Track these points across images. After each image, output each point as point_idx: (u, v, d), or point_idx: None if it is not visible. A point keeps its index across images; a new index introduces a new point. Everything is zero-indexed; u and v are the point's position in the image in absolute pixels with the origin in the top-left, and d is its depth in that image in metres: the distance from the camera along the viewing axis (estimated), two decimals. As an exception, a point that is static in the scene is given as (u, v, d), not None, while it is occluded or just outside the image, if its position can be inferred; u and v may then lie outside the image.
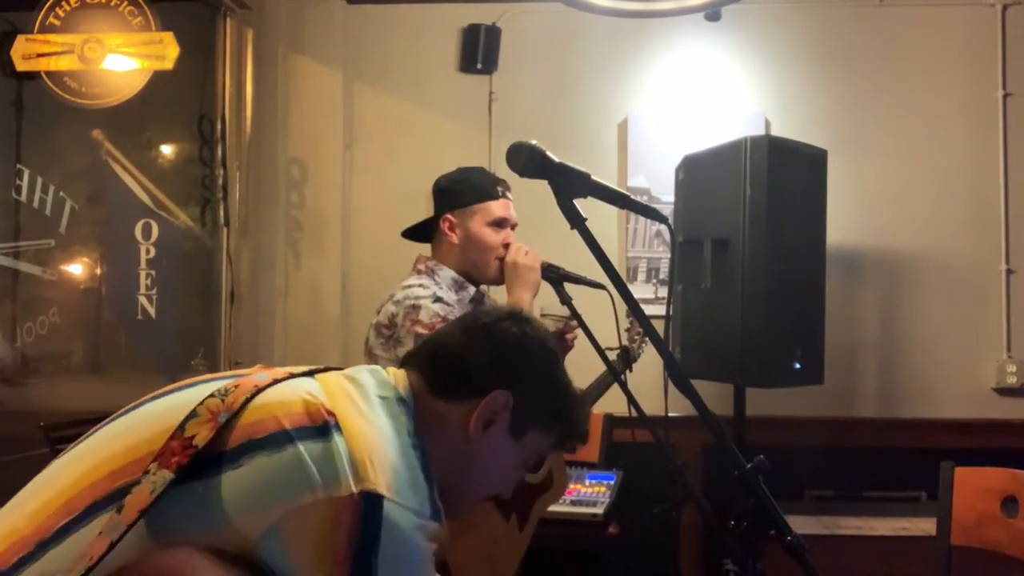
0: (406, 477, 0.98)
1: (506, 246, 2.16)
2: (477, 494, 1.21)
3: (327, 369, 1.14)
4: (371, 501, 0.92)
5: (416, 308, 2.04)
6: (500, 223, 2.17)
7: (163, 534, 0.90)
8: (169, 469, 0.91)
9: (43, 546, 0.90)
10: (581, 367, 2.30)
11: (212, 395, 0.99)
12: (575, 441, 1.26)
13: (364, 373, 1.11)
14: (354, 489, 0.92)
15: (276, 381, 1.04)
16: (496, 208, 2.18)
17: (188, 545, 0.89)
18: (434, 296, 2.07)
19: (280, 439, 0.94)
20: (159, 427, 0.97)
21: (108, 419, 1.07)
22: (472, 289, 2.19)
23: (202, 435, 0.94)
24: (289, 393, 1.01)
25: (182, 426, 0.95)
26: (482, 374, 1.15)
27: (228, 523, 0.91)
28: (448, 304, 2.07)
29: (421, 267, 2.19)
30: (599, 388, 2.42)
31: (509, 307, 1.34)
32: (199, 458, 0.92)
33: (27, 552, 0.90)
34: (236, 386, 1.01)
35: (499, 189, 2.20)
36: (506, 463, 1.19)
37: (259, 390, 1.00)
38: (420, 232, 2.27)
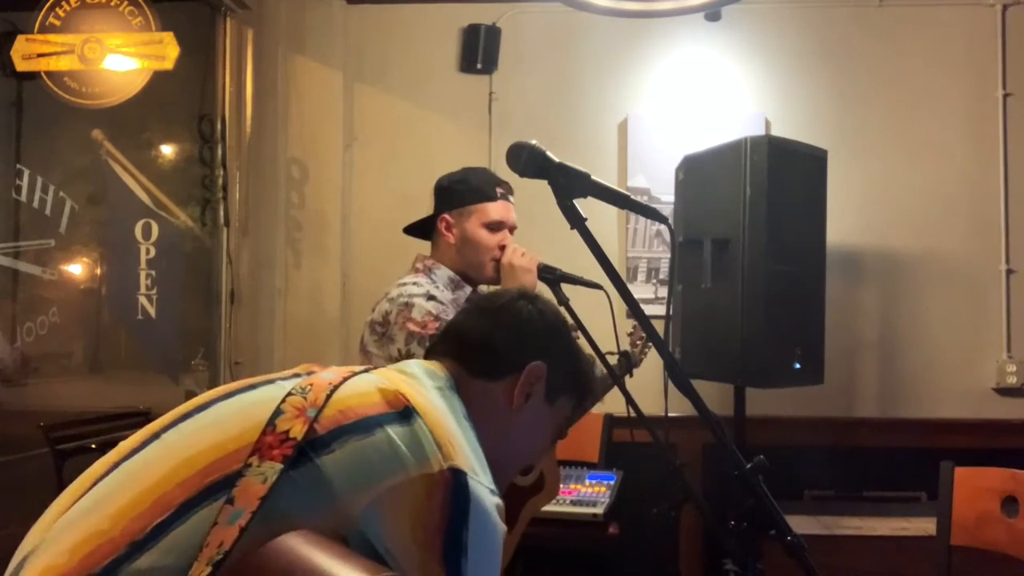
0: (476, 457, 1.06)
1: (502, 248, 2.17)
2: (516, 467, 1.32)
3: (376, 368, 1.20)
4: (459, 477, 0.99)
5: (409, 306, 2.05)
6: (496, 225, 2.18)
7: (273, 522, 0.93)
8: (275, 461, 0.96)
9: (138, 547, 0.92)
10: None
11: (291, 393, 1.04)
12: (591, 400, 1.46)
13: (412, 366, 1.19)
14: (444, 466, 0.99)
15: (345, 379, 1.09)
16: (493, 210, 2.18)
17: (294, 530, 0.93)
18: (427, 294, 2.08)
19: (369, 424, 1.01)
20: (242, 425, 1.01)
21: (168, 421, 1.08)
22: (468, 289, 2.20)
23: (296, 429, 0.99)
24: (364, 385, 1.08)
25: (272, 422, 1.00)
26: (514, 351, 1.25)
27: (332, 505, 0.96)
28: (442, 303, 2.07)
29: (419, 266, 2.20)
30: (599, 390, 2.42)
31: (517, 289, 1.40)
32: (298, 450, 0.98)
33: (119, 554, 0.92)
34: (311, 384, 1.07)
35: (498, 191, 2.20)
36: (543, 430, 1.30)
37: (335, 387, 1.06)
38: (421, 229, 2.28)
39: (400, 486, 0.97)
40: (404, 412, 1.03)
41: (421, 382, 1.14)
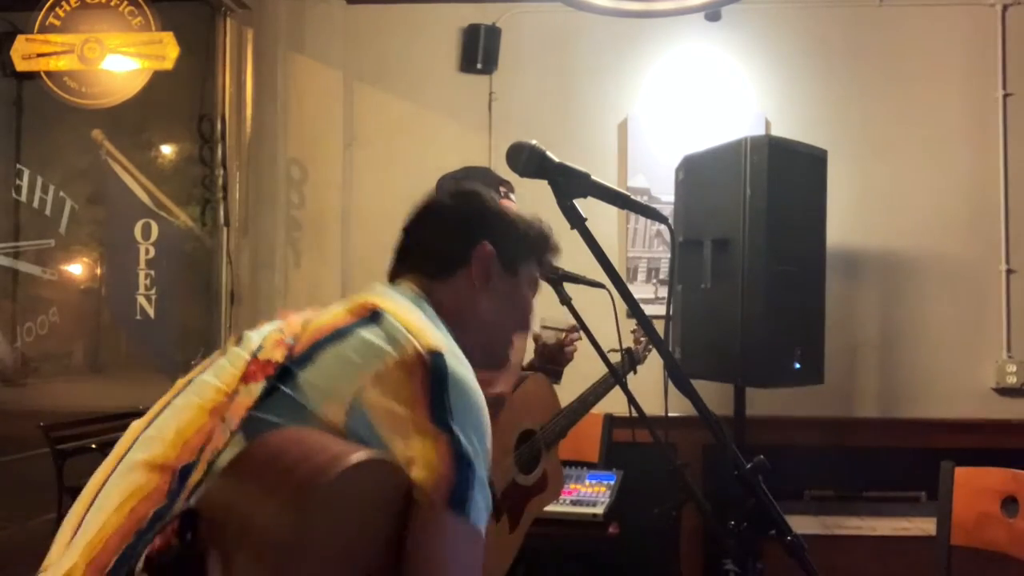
0: (451, 343, 1.13)
1: None
2: (508, 339, 1.38)
3: None
4: (435, 356, 1.06)
5: None
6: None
7: (263, 431, 1.00)
8: (258, 382, 1.05)
9: (170, 494, 1.01)
10: (583, 372, 2.33)
11: (268, 334, 1.13)
12: (553, 252, 1.46)
13: (377, 287, 1.27)
14: (419, 348, 1.06)
15: (316, 313, 1.18)
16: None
17: None
18: None
19: (343, 332, 1.09)
20: (226, 377, 1.10)
21: (159, 408, 1.13)
22: None
23: (278, 354, 1.08)
24: (333, 309, 1.16)
25: (254, 357, 1.10)
26: (455, 243, 1.31)
27: (319, 410, 1.03)
28: None
29: None
30: (600, 390, 2.41)
31: (435, 192, 1.49)
32: (280, 369, 1.06)
33: (161, 499, 1.00)
34: (286, 323, 1.16)
35: (502, 191, 2.20)
36: (519, 298, 1.37)
37: (309, 320, 1.15)
38: None
39: (380, 374, 1.04)
40: (374, 315, 1.11)
41: (387, 293, 1.23)
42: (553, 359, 2.35)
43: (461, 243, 1.31)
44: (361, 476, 0.93)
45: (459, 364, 1.09)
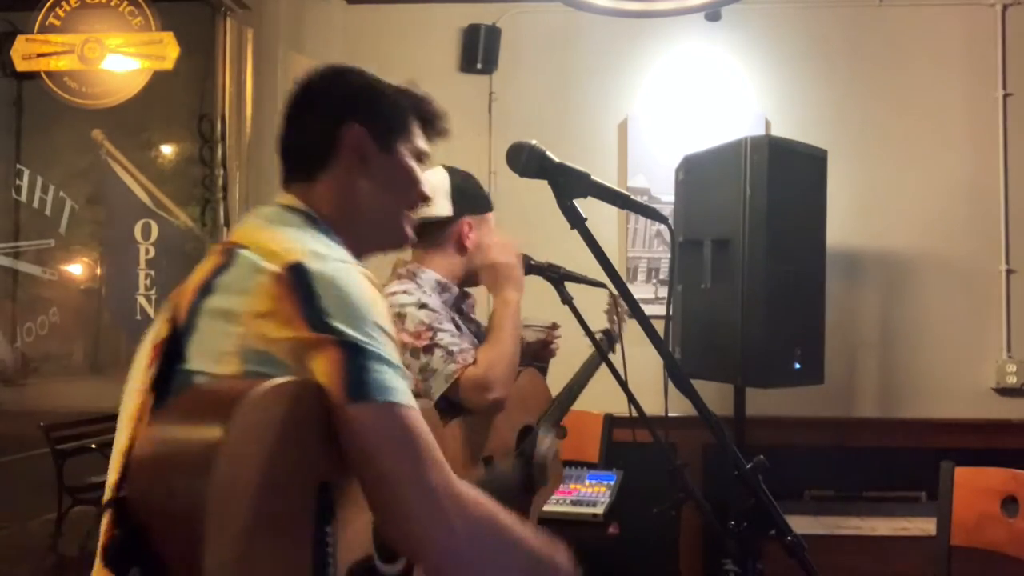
0: (314, 244, 1.10)
1: None
2: (400, 211, 1.31)
3: None
4: (292, 268, 1.03)
5: (401, 316, 1.94)
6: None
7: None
8: (152, 366, 1.07)
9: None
10: (571, 366, 2.33)
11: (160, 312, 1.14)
12: (437, 119, 1.39)
13: (247, 215, 1.24)
14: (277, 269, 1.04)
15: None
16: (492, 219, 2.16)
17: None
18: (419, 303, 1.97)
19: (208, 286, 1.09)
20: (138, 375, 1.10)
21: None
22: (456, 289, 2.10)
23: (164, 330, 1.09)
24: (203, 261, 1.15)
25: (154, 344, 1.10)
26: (320, 135, 1.24)
27: (215, 374, 1.03)
28: (433, 310, 1.97)
29: (402, 271, 2.08)
30: (586, 372, 2.36)
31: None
32: (169, 346, 1.07)
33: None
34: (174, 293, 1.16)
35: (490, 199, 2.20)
36: (403, 173, 1.30)
37: (185, 283, 1.14)
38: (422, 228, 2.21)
39: (252, 310, 1.03)
40: (228, 253, 1.09)
41: (247, 222, 1.20)
42: (537, 357, 2.34)
43: (326, 133, 1.24)
44: (272, 403, 0.94)
45: (324, 262, 1.06)
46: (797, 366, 2.88)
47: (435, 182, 2.12)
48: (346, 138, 1.23)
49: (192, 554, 0.86)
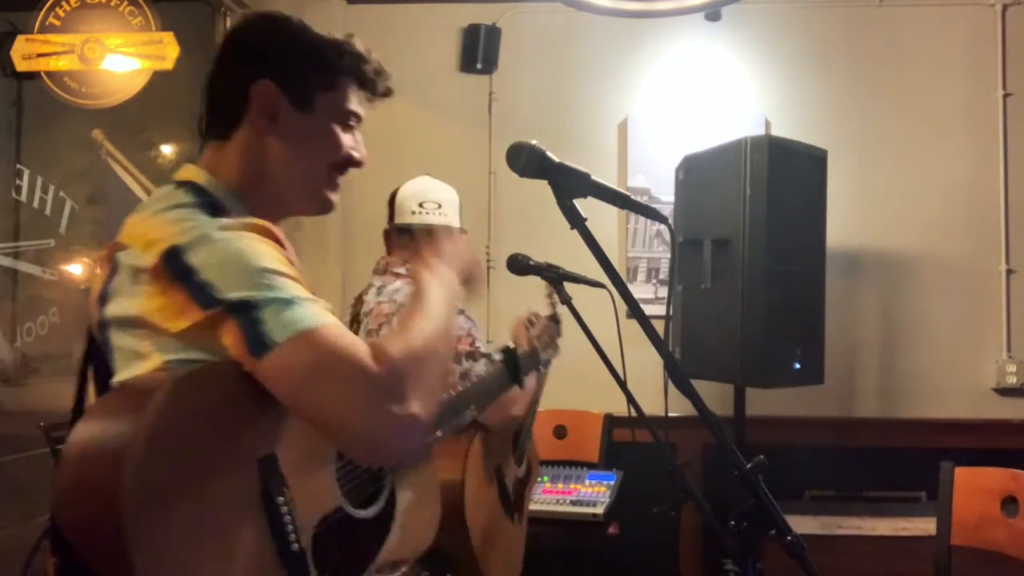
0: (188, 221, 1.05)
1: None
2: (319, 172, 1.25)
3: None
4: (167, 256, 1.00)
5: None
6: None
7: None
8: (90, 381, 1.09)
9: None
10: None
11: None
12: (377, 79, 1.30)
13: (154, 191, 1.19)
14: (150, 263, 1.01)
15: None
16: None
17: None
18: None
19: (103, 297, 1.07)
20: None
21: None
22: None
23: (86, 344, 1.12)
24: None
25: None
26: (230, 93, 1.17)
27: (139, 373, 1.02)
28: (468, 317, 2.12)
29: (400, 271, 2.20)
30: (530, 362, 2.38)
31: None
32: (96, 361, 1.09)
33: None
34: None
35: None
36: (323, 134, 1.23)
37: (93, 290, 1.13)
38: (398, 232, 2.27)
39: (149, 309, 1.00)
40: (111, 259, 1.07)
41: (138, 210, 1.14)
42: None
43: (237, 89, 1.16)
44: (183, 397, 0.93)
45: (195, 236, 1.01)
46: (797, 366, 2.88)
47: (447, 196, 2.30)
48: (254, 94, 1.16)
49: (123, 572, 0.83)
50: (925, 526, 2.95)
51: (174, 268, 0.99)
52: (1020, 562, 1.98)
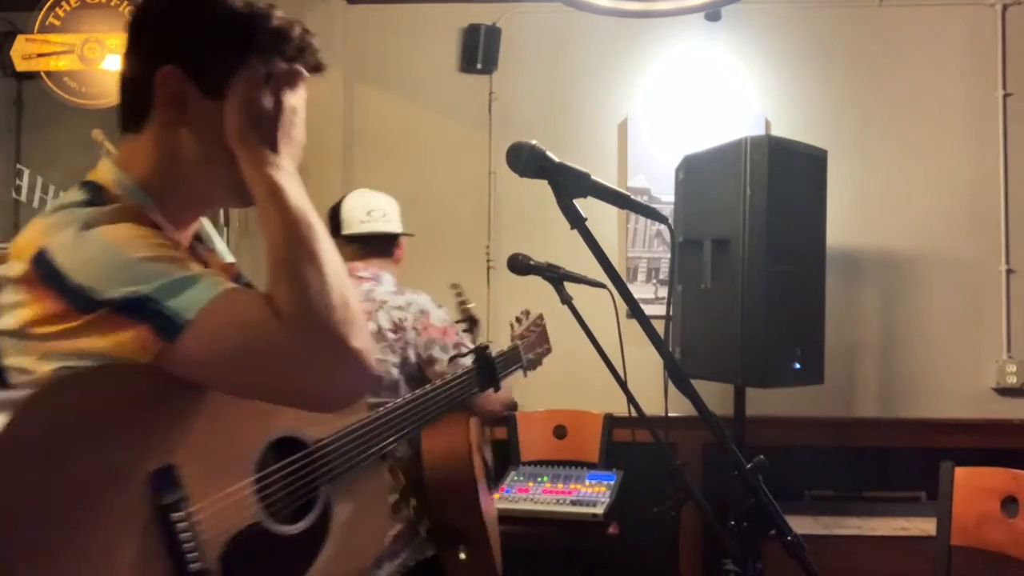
0: (60, 220, 0.98)
1: None
2: (235, 165, 1.08)
3: None
4: (36, 260, 0.94)
5: (425, 312, 2.19)
6: None
7: None
8: None
9: None
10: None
11: None
12: (302, 52, 1.14)
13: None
14: (24, 269, 0.95)
15: None
16: None
17: None
18: (435, 303, 2.24)
19: None
20: None
21: None
22: None
23: None
24: None
25: None
26: (137, 83, 1.07)
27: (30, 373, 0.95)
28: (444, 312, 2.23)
29: (365, 275, 2.27)
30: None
31: None
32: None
33: None
34: None
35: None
36: (237, 119, 1.06)
37: None
38: (372, 239, 2.36)
39: (28, 319, 0.94)
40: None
41: (40, 214, 1.04)
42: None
43: (140, 80, 1.06)
44: (54, 401, 0.87)
45: (62, 236, 0.95)
46: (797, 366, 2.88)
47: (389, 206, 2.39)
48: (157, 82, 1.05)
49: None
50: (925, 526, 2.95)
51: (44, 271, 0.93)
52: (1020, 562, 1.98)
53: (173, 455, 0.94)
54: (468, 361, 2.01)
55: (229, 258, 1.26)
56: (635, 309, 1.32)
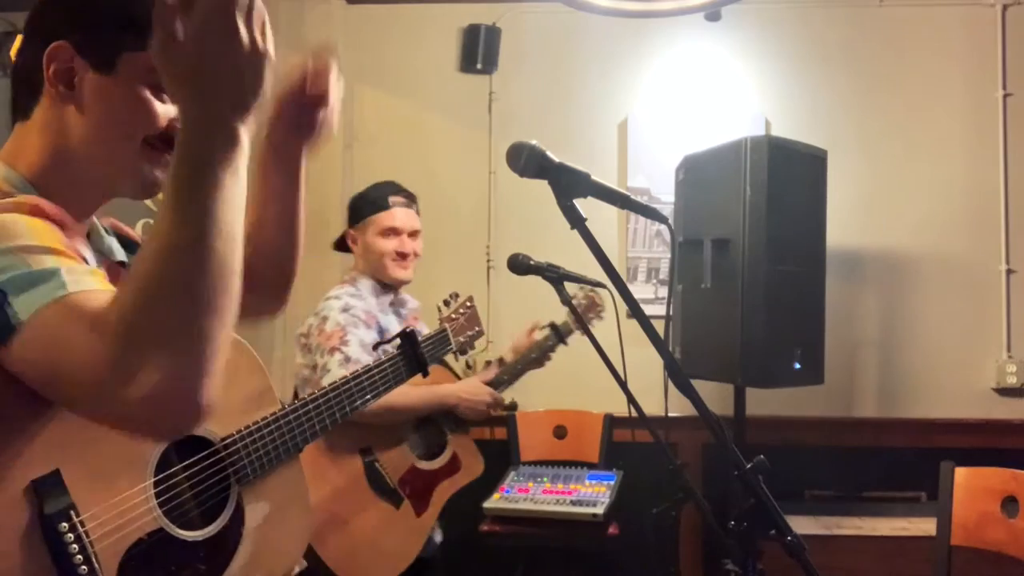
0: None
1: (401, 254, 2.38)
2: (128, 148, 1.03)
3: None
4: None
5: (325, 319, 2.28)
6: (390, 231, 2.39)
7: None
8: None
9: None
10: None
11: None
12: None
13: None
14: None
15: None
16: (385, 218, 2.39)
17: None
18: (344, 306, 2.30)
19: None
20: None
21: None
22: (392, 293, 2.43)
23: None
24: None
25: None
26: (27, 63, 1.02)
27: None
28: (355, 315, 2.27)
29: (346, 277, 2.44)
30: (523, 363, 2.52)
31: None
32: None
33: None
34: None
35: (391, 200, 2.40)
36: (130, 100, 1.01)
37: None
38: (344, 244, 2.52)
39: None
40: None
41: None
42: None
43: (32, 63, 1.00)
44: None
45: None
46: (797, 366, 2.88)
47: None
48: (46, 59, 0.99)
49: None
50: (925, 526, 2.95)
51: None
52: (1020, 562, 1.98)
53: (60, 459, 0.88)
54: (335, 366, 2.13)
55: (120, 256, 1.18)
56: (635, 309, 1.32)
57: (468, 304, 2.32)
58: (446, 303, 2.30)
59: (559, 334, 2.52)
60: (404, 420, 2.29)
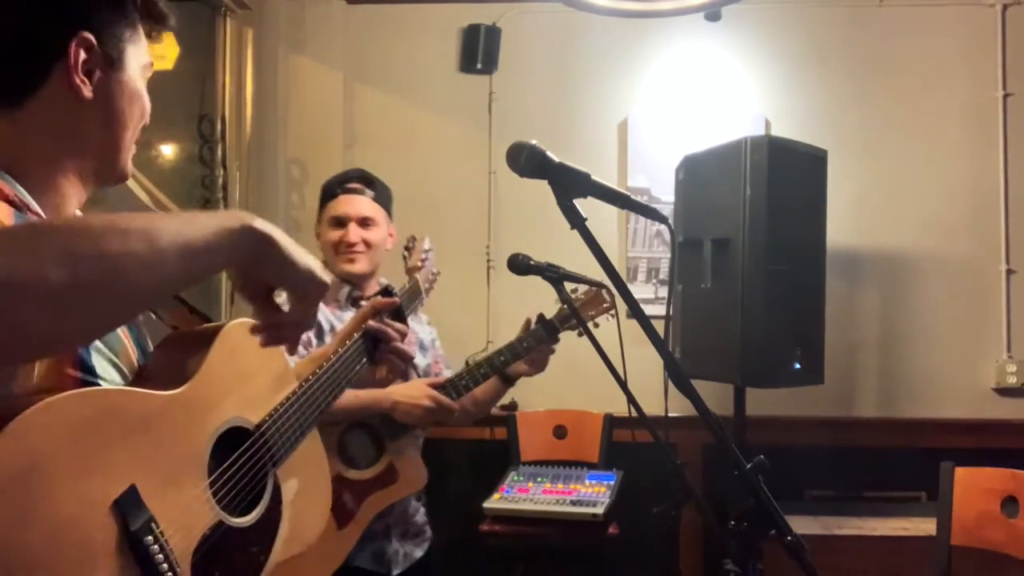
0: None
1: (345, 243, 2.22)
2: (123, 143, 1.04)
3: None
4: None
5: None
6: (339, 220, 2.26)
7: None
8: None
9: None
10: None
11: None
12: (162, 19, 1.08)
13: None
14: None
15: None
16: (332, 207, 2.29)
17: None
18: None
19: None
20: None
21: None
22: (347, 287, 2.26)
23: None
24: None
25: None
26: (41, 42, 0.94)
27: None
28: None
29: None
30: (507, 354, 2.26)
31: None
32: None
33: None
34: None
35: (338, 188, 2.29)
36: (134, 93, 1.03)
37: None
38: None
39: None
40: None
41: None
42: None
43: (44, 43, 0.94)
44: (10, 444, 0.78)
45: None
46: (797, 366, 2.88)
47: None
48: (74, 50, 0.94)
49: None
50: (925, 526, 2.95)
51: None
52: (1020, 562, 1.98)
53: (134, 474, 0.89)
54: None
55: None
56: (635, 309, 1.32)
57: (427, 247, 2.16)
58: (408, 249, 2.15)
59: (548, 327, 2.26)
60: (331, 423, 2.04)
